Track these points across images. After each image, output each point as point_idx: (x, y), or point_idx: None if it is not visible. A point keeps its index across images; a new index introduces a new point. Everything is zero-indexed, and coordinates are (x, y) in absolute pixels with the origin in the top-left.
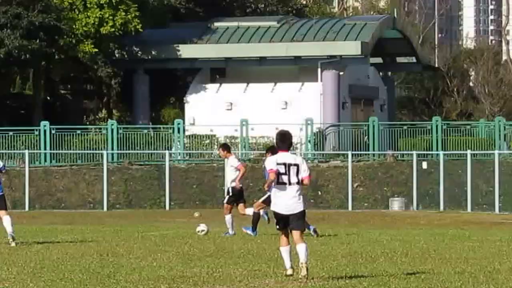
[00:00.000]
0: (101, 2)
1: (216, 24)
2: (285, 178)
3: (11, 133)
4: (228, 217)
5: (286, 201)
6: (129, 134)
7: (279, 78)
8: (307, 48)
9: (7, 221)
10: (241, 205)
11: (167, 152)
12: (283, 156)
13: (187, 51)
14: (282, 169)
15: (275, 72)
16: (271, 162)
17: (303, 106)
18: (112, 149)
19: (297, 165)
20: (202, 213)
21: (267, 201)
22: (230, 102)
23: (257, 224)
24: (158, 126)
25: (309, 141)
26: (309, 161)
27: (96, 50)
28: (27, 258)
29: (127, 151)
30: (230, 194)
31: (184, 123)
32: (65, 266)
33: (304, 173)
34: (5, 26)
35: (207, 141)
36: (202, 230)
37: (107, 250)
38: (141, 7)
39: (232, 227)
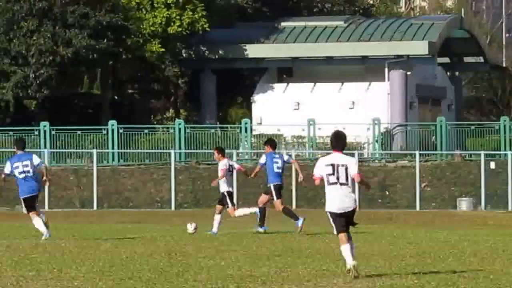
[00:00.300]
0: (168, 1)
1: (283, 23)
2: (333, 179)
3: (79, 132)
4: (238, 212)
5: (338, 200)
6: (196, 133)
7: (346, 78)
8: (374, 47)
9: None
10: (218, 207)
11: (234, 151)
12: (333, 157)
13: (254, 50)
14: (329, 170)
15: (342, 71)
16: (318, 166)
17: (370, 106)
18: (180, 148)
19: (345, 165)
20: (269, 212)
21: (278, 195)
22: (297, 101)
23: (264, 220)
24: (225, 125)
25: (377, 141)
26: (376, 161)
27: (163, 49)
28: (96, 257)
29: (195, 151)
30: (227, 197)
31: (251, 122)
32: (134, 265)
33: (353, 172)
34: (72, 25)
35: None
36: (192, 228)
37: (176, 249)
38: (208, 6)
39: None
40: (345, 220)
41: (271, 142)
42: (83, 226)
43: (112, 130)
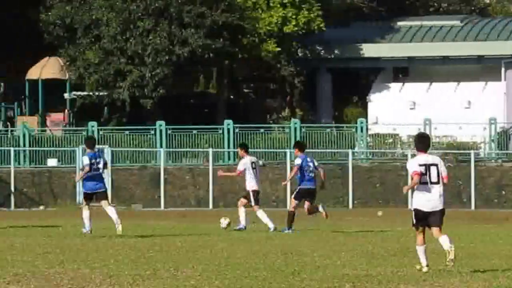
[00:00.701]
0: (284, 1)
1: (399, 23)
2: (425, 178)
3: (195, 131)
4: (260, 213)
5: (428, 199)
6: (312, 133)
7: (462, 78)
8: (490, 47)
9: (111, 210)
10: (243, 200)
11: (350, 151)
12: (423, 158)
13: (370, 50)
14: (423, 170)
15: (458, 71)
16: (414, 164)
17: (486, 106)
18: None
19: (436, 165)
20: (385, 212)
21: (298, 197)
22: (413, 101)
23: (291, 223)
24: (341, 125)
25: (493, 141)
26: (492, 161)
27: (279, 49)
28: (212, 256)
29: (310, 150)
30: (251, 195)
31: (367, 122)
32: (250, 264)
33: (444, 173)
34: (189, 25)
35: (390, 140)
36: (225, 223)
37: (291, 248)
38: (324, 6)
39: (268, 220)
40: (431, 217)
41: (300, 145)
42: (199, 225)
43: (228, 130)
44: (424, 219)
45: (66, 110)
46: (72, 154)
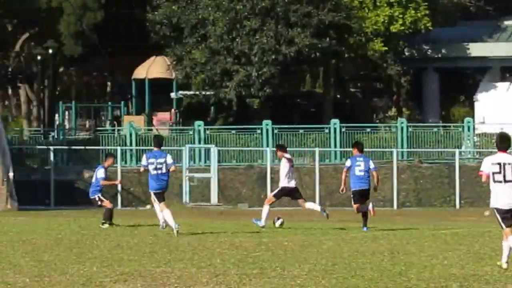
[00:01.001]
0: (391, 0)
1: (506, 22)
2: (499, 177)
3: (301, 131)
4: (265, 207)
5: (504, 197)
6: (418, 132)
7: None
8: None
9: (167, 214)
10: (300, 201)
11: (457, 150)
12: (499, 156)
13: (477, 49)
14: (496, 169)
15: None
16: (485, 163)
17: None
18: (402, 147)
19: None
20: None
21: (356, 200)
22: None
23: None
24: (448, 124)
25: None
26: None
27: (386, 48)
28: (318, 255)
29: (417, 149)
30: (279, 189)
31: (474, 121)
32: (357, 263)
33: None
34: (295, 24)
35: None
36: (278, 223)
37: (398, 248)
38: (431, 5)
39: (266, 218)
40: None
41: (358, 145)
42: (305, 225)
43: (335, 129)
44: (508, 216)
45: (172, 110)
46: (178, 153)
